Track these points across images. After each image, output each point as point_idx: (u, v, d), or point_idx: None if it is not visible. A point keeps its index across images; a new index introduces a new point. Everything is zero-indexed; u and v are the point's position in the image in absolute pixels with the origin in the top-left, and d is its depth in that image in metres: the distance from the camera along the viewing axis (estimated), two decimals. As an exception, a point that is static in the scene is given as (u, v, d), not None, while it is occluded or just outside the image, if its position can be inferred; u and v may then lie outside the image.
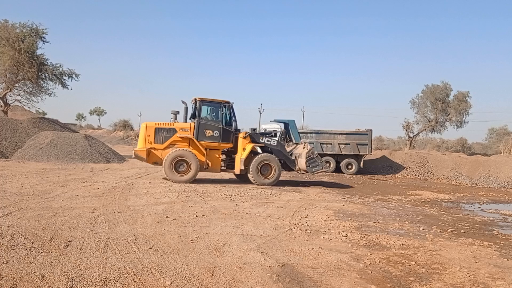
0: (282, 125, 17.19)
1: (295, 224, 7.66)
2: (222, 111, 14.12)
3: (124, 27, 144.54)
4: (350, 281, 4.68)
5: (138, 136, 16.94)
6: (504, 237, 7.67)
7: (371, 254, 5.87)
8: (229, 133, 14.09)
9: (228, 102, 14.23)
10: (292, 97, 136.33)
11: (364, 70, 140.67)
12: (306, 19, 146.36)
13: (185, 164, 13.32)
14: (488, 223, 9.20)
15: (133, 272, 4.50)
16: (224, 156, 14.63)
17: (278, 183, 14.59)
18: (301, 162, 14.73)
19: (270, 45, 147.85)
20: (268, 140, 14.74)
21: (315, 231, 7.23)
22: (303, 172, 15.49)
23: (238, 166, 14.05)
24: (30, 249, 5.11)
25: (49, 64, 25.80)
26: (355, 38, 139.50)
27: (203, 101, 13.95)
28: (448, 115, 36.24)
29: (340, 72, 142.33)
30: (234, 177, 15.54)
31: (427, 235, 7.41)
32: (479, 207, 12.03)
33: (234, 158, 14.36)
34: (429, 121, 37.15)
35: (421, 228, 8.05)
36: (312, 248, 6.01)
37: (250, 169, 14.01)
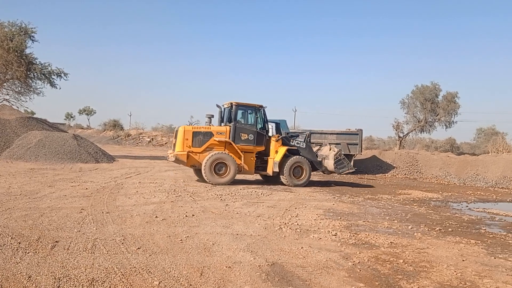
0: (274, 125, 17.25)
1: (285, 224, 7.67)
2: (256, 115, 14.57)
3: (114, 28, 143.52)
4: (339, 279, 4.70)
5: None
6: (491, 236, 7.75)
7: (360, 253, 5.90)
8: (262, 136, 14.53)
9: (262, 106, 14.66)
10: (283, 97, 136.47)
11: (355, 70, 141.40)
12: (294, 20, 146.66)
13: (224, 166, 13.70)
14: (475, 222, 9.29)
15: (121, 272, 4.47)
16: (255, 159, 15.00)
17: (269, 183, 14.63)
18: (329, 164, 15.50)
19: (260, 47, 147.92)
20: (298, 143, 15.18)
21: (305, 230, 7.25)
22: (328, 173, 16.26)
23: (271, 168, 14.49)
24: (17, 249, 5.06)
25: (37, 63, 25.54)
26: (345, 38, 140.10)
27: (239, 105, 14.30)
28: (437, 115, 36.52)
29: (330, 73, 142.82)
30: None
31: (415, 234, 7.46)
32: (467, 206, 12.14)
33: (265, 160, 14.79)
34: (418, 121, 37.41)
35: (409, 227, 8.11)
36: (302, 247, 6.02)
37: (284, 171, 14.44)
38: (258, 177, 16.25)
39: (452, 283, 4.79)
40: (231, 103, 14.21)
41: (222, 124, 14.87)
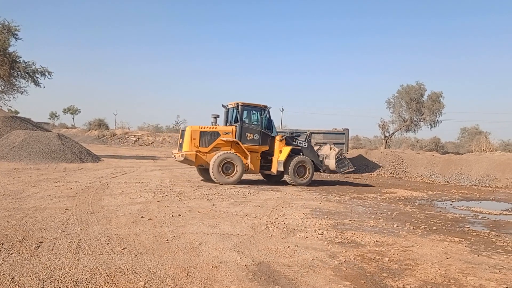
0: None
1: (272, 223, 7.68)
2: (262, 115, 14.77)
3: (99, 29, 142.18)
4: (325, 278, 4.72)
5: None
6: (475, 234, 7.87)
7: (346, 251, 5.93)
8: (267, 136, 14.79)
9: (266, 106, 14.91)
10: (270, 97, 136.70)
11: (341, 70, 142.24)
12: (277, 20, 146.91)
13: (231, 166, 13.90)
14: (459, 220, 9.42)
15: (106, 273, 4.42)
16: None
17: (256, 182, 14.67)
18: (331, 163, 15.91)
19: (244, 47, 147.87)
20: (300, 143, 15.48)
21: (292, 229, 7.27)
22: (329, 172, 16.61)
23: (275, 167, 14.73)
24: (0, 250, 4.97)
25: (21, 61, 25.13)
26: (331, 38, 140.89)
27: (245, 106, 14.50)
28: (422, 114, 36.94)
29: (317, 72, 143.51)
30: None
31: (400, 232, 7.54)
32: (451, 205, 12.30)
33: (269, 160, 15.03)
34: (404, 121, 37.80)
35: (395, 225, 8.18)
36: (288, 246, 6.04)
37: (288, 170, 14.70)
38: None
39: (436, 280, 4.85)
40: (237, 103, 14.43)
41: (228, 124, 15.11)
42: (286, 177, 15.05)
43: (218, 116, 15.03)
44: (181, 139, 14.53)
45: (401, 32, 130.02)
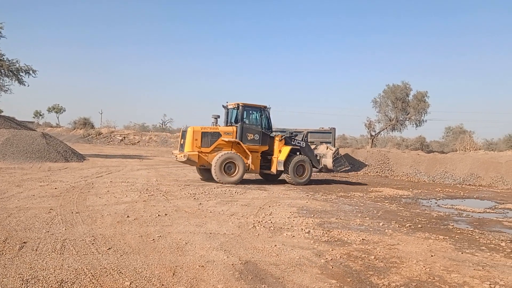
0: None
1: (258, 222, 7.69)
2: (261, 115, 15.02)
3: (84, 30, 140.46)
4: (311, 276, 4.74)
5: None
6: (459, 231, 7.98)
7: (332, 250, 5.97)
8: (266, 136, 15.07)
9: (266, 107, 15.13)
10: (258, 96, 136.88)
11: (327, 69, 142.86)
12: (264, 19, 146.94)
13: (233, 166, 14.11)
14: (444, 218, 9.54)
15: (91, 273, 4.38)
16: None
17: (243, 181, 14.67)
18: (328, 162, 16.36)
19: (234, 46, 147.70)
20: (298, 142, 15.74)
21: (279, 228, 7.28)
22: (326, 171, 17.00)
23: (275, 166, 15.02)
24: (-19, 251, 4.89)
25: (5, 59, 24.68)
26: (318, 37, 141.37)
27: (245, 106, 14.67)
28: (408, 114, 37.27)
29: (303, 71, 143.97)
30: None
31: (386, 230, 7.61)
32: (436, 203, 12.45)
33: (269, 160, 15.33)
34: (390, 120, 38.09)
35: (381, 224, 8.25)
36: (275, 245, 6.05)
37: (288, 170, 14.98)
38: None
39: (421, 278, 4.91)
40: (238, 104, 14.61)
41: (228, 124, 15.28)
42: (285, 177, 15.28)
43: (218, 116, 15.23)
44: (182, 140, 14.67)
45: (387, 31, 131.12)
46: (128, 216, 7.47)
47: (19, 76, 25.34)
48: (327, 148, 16.94)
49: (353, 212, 9.65)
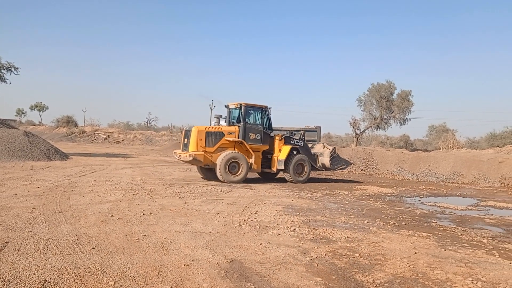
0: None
1: (244, 220, 7.68)
2: (263, 115, 15.26)
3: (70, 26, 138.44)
4: (297, 274, 4.76)
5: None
6: (442, 229, 8.09)
7: (317, 248, 5.99)
8: (267, 135, 15.34)
9: (267, 107, 15.37)
10: (243, 95, 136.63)
11: (312, 67, 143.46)
12: (251, 19, 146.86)
13: (237, 165, 14.35)
14: (427, 215, 9.67)
15: (74, 273, 4.32)
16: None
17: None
18: (325, 160, 16.72)
19: (223, 45, 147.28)
20: (297, 142, 16.12)
21: (264, 226, 7.29)
22: (323, 170, 17.34)
23: (276, 165, 15.35)
24: (-39, 252, 4.78)
25: (-14, 57, 24.25)
26: (305, 35, 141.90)
27: (248, 106, 14.84)
28: (392, 112, 37.73)
29: (289, 70, 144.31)
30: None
31: (370, 228, 7.68)
32: (419, 200, 12.62)
33: (269, 158, 15.62)
34: (374, 119, 38.51)
35: (365, 221, 8.32)
36: (261, 244, 6.05)
37: (289, 169, 15.35)
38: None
39: (405, 275, 4.96)
40: (240, 104, 14.77)
41: (230, 124, 15.43)
42: (285, 175, 15.63)
43: (221, 116, 15.50)
44: (186, 139, 14.75)
45: (372, 30, 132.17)
46: (112, 215, 7.39)
47: (0, 73, 24.93)
48: (323, 147, 17.27)
49: (338, 210, 9.71)
